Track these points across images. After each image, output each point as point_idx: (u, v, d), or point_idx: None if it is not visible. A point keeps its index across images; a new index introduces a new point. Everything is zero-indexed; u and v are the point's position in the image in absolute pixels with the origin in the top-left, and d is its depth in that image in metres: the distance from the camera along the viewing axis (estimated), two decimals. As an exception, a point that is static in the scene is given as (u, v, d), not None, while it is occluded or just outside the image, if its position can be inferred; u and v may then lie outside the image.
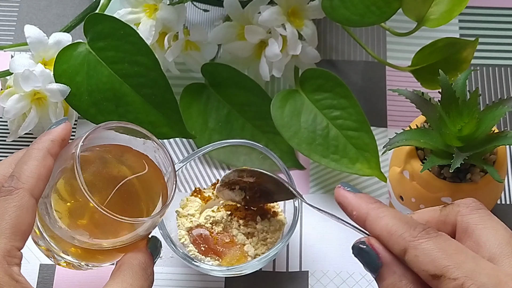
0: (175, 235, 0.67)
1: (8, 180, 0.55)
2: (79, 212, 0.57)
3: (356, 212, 0.54)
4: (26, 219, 0.54)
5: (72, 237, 0.57)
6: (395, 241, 0.51)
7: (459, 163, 0.60)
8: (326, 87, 0.73)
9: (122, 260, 0.57)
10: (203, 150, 0.69)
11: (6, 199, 0.54)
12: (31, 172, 0.55)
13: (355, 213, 0.54)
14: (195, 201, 0.69)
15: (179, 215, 0.68)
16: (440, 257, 0.49)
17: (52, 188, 0.56)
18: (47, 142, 0.57)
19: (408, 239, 0.50)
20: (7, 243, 0.53)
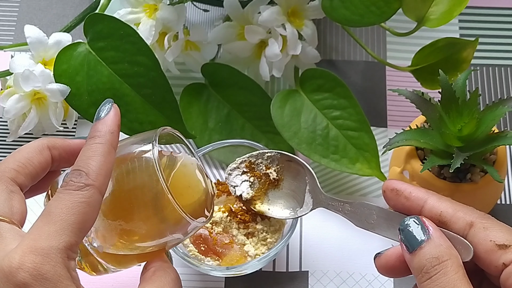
0: None
1: (76, 175, 0.53)
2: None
3: (415, 194, 0.55)
4: (92, 217, 0.53)
5: (123, 234, 0.57)
6: (461, 216, 0.52)
7: (459, 163, 0.60)
8: (326, 87, 0.73)
9: (154, 264, 0.57)
10: (203, 150, 0.69)
11: (77, 194, 0.52)
12: (99, 170, 0.54)
13: (414, 194, 0.55)
14: None
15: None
16: (509, 231, 0.51)
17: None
18: (108, 135, 0.55)
19: (476, 216, 0.52)
20: (72, 238, 0.51)
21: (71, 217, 0.52)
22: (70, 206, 0.52)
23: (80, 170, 0.54)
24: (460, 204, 0.54)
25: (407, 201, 0.55)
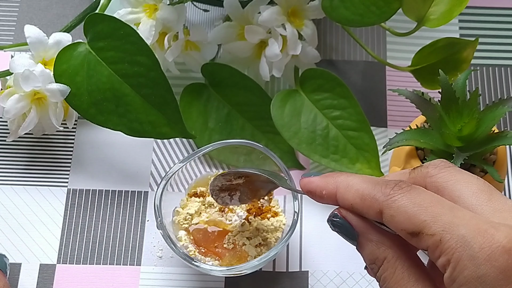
0: (174, 235, 0.67)
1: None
2: None
3: (326, 191, 0.50)
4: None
5: None
6: (369, 205, 0.48)
7: (459, 163, 0.60)
8: (326, 87, 0.73)
9: None
10: (203, 150, 0.69)
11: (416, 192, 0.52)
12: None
13: (325, 192, 0.50)
14: (194, 201, 0.69)
15: (178, 215, 0.68)
16: (416, 213, 0.45)
17: None
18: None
19: (382, 199, 0.47)
20: None
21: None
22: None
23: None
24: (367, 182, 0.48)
25: (324, 200, 0.51)
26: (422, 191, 0.47)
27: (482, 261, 0.43)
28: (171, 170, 0.67)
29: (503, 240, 0.44)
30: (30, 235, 0.70)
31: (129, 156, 0.75)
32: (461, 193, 0.47)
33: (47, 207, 0.72)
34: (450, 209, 0.45)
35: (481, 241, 0.44)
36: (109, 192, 0.73)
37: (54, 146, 0.75)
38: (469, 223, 0.45)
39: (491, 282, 0.43)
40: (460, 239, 0.44)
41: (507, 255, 0.43)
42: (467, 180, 0.48)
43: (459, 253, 0.44)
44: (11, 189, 0.73)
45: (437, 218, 0.45)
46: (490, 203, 0.46)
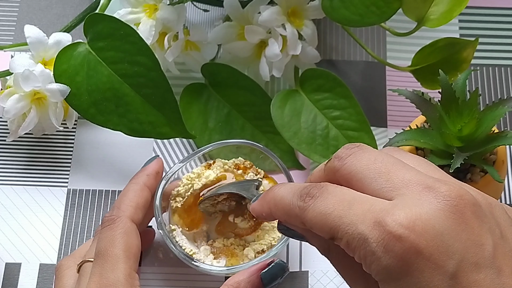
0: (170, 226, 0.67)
1: (110, 212, 0.62)
2: None
3: (264, 213, 0.51)
4: (133, 242, 0.61)
5: None
6: (294, 220, 0.48)
7: (459, 163, 0.60)
8: (326, 87, 0.73)
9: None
10: (203, 150, 0.69)
11: (111, 228, 0.61)
12: (129, 202, 0.63)
13: (264, 214, 0.51)
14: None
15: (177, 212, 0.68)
16: (324, 222, 0.46)
17: None
18: (143, 176, 0.65)
19: (299, 214, 0.47)
20: (126, 268, 0.59)
21: (114, 250, 0.59)
22: (111, 240, 0.60)
23: (114, 207, 0.63)
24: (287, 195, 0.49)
25: (269, 220, 0.52)
26: (328, 194, 0.46)
27: (381, 254, 0.43)
28: (171, 170, 0.67)
29: (393, 228, 0.43)
30: (30, 235, 0.70)
31: (129, 156, 0.75)
32: (364, 182, 0.46)
33: (47, 207, 0.72)
34: (349, 207, 0.45)
35: (377, 235, 0.43)
36: (109, 192, 0.73)
37: (54, 146, 0.75)
38: (365, 217, 0.44)
39: (396, 271, 0.43)
40: (360, 237, 0.44)
41: (399, 242, 0.43)
42: (366, 165, 0.47)
43: (363, 251, 0.44)
44: (11, 189, 0.73)
45: (340, 221, 0.45)
46: (388, 183, 0.45)
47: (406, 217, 0.43)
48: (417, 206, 0.43)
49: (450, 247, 0.43)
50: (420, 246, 0.43)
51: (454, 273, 0.42)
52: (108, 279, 0.58)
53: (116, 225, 0.61)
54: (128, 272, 0.59)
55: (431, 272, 0.43)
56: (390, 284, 0.43)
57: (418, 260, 0.43)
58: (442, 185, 0.44)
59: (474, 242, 0.43)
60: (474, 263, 0.43)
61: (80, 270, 0.61)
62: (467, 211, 0.44)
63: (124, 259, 0.59)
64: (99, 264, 0.59)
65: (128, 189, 0.65)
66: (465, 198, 0.44)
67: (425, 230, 0.43)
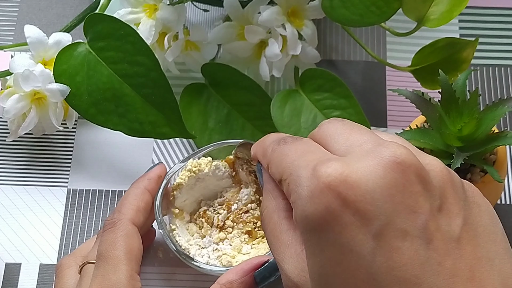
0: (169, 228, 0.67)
1: (111, 215, 0.63)
2: None
3: (254, 150, 0.51)
4: (135, 245, 0.61)
5: None
6: (264, 161, 0.48)
7: (459, 163, 0.60)
8: (326, 87, 0.73)
9: None
10: (203, 150, 0.69)
11: (112, 231, 0.61)
12: (130, 205, 0.63)
13: (252, 152, 0.51)
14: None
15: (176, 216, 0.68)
16: (281, 161, 0.45)
17: None
18: (144, 181, 0.66)
19: (269, 153, 0.47)
20: (128, 269, 0.59)
21: (116, 252, 0.60)
22: (112, 243, 0.60)
23: (115, 210, 0.63)
24: (272, 138, 0.49)
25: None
26: (299, 142, 0.46)
27: (306, 199, 0.41)
28: (171, 170, 0.67)
29: (323, 175, 0.41)
30: (30, 235, 0.70)
31: (129, 156, 0.75)
32: (328, 141, 0.45)
33: (47, 207, 0.72)
34: (304, 154, 0.44)
35: (310, 180, 0.42)
36: (109, 192, 0.73)
37: (54, 146, 0.75)
38: (309, 164, 0.43)
39: (318, 221, 0.41)
40: (297, 180, 0.43)
41: (326, 190, 0.41)
42: (334, 128, 0.46)
43: (295, 195, 0.43)
44: (11, 189, 0.73)
45: (291, 164, 0.44)
46: (347, 142, 0.44)
47: (340, 168, 0.41)
48: (358, 162, 0.42)
49: (379, 207, 0.40)
50: (347, 199, 0.40)
51: (378, 234, 0.40)
52: (110, 281, 0.58)
53: (118, 227, 0.61)
54: (129, 274, 0.59)
55: (354, 229, 0.40)
56: (311, 235, 0.42)
57: (342, 213, 0.40)
58: (392, 144, 0.42)
59: (407, 207, 0.40)
60: (401, 229, 0.40)
61: (81, 271, 0.61)
62: (409, 173, 0.41)
63: (125, 261, 0.59)
64: (101, 266, 0.59)
65: (129, 193, 0.65)
66: (411, 159, 0.41)
67: (357, 183, 0.41)
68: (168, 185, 0.67)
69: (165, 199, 0.67)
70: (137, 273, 0.60)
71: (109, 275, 0.59)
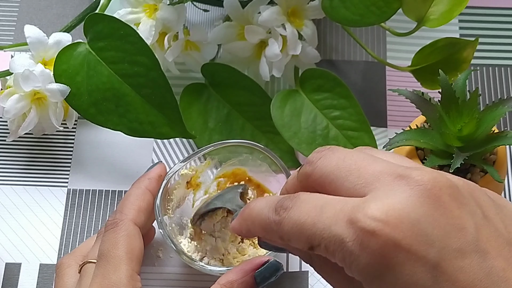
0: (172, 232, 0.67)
1: (112, 215, 0.63)
2: None
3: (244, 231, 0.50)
4: (136, 245, 0.61)
5: None
6: (271, 236, 0.47)
7: (459, 163, 0.60)
8: (326, 87, 0.73)
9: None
10: (203, 150, 0.69)
11: (114, 231, 0.61)
12: (132, 205, 0.63)
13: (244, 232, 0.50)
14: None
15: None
16: (300, 232, 0.44)
17: None
18: (145, 180, 0.65)
19: (275, 228, 0.46)
20: (129, 269, 0.59)
21: (117, 252, 0.60)
22: (114, 242, 0.60)
23: (116, 211, 0.63)
24: (262, 210, 0.48)
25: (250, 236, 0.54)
26: (301, 202, 0.45)
27: (358, 253, 0.41)
28: (171, 170, 0.67)
29: (365, 223, 0.41)
30: (30, 235, 0.70)
31: (129, 156, 0.75)
32: (336, 183, 0.45)
33: (47, 207, 0.72)
34: (322, 211, 0.44)
35: (351, 233, 0.42)
36: (109, 192, 0.73)
37: (54, 146, 0.75)
38: (338, 218, 0.42)
39: (376, 268, 0.41)
40: (336, 239, 0.42)
41: (373, 237, 0.41)
42: (336, 165, 0.45)
43: (341, 253, 0.42)
44: (11, 189, 0.73)
45: (315, 228, 0.43)
46: (360, 179, 0.44)
47: (378, 210, 0.41)
48: (389, 197, 0.42)
49: (429, 235, 0.41)
50: (397, 238, 0.41)
51: (437, 262, 0.40)
52: (110, 280, 0.58)
53: (119, 228, 0.61)
54: (130, 274, 0.59)
55: (413, 264, 0.41)
56: (374, 282, 0.42)
57: (397, 253, 0.41)
58: (414, 171, 0.42)
59: (454, 227, 0.41)
60: (457, 249, 0.41)
61: (81, 270, 0.61)
62: (443, 194, 0.42)
63: (126, 260, 0.59)
64: (102, 266, 0.59)
65: (130, 193, 0.65)
66: (439, 180, 0.42)
67: (400, 220, 0.41)
68: (168, 185, 0.67)
69: (165, 199, 0.67)
70: (137, 273, 0.60)
71: (109, 274, 0.59)
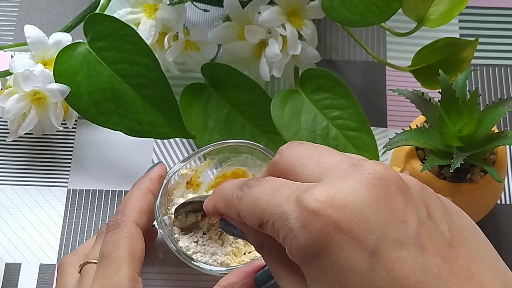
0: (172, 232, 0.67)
1: (114, 216, 0.63)
2: None
3: (211, 206, 0.51)
4: (138, 246, 0.61)
5: None
6: (231, 210, 0.48)
7: (459, 163, 0.60)
8: (326, 87, 0.73)
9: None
10: (203, 150, 0.69)
11: (116, 232, 0.61)
12: (133, 206, 0.63)
13: (210, 208, 0.51)
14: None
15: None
16: (254, 206, 0.45)
17: None
18: (146, 181, 0.65)
19: (236, 202, 0.47)
20: (130, 270, 0.59)
21: (119, 253, 0.60)
22: (116, 243, 0.60)
23: (118, 211, 0.63)
24: (230, 186, 0.49)
25: (215, 215, 0.52)
26: (264, 182, 0.46)
27: (298, 230, 0.42)
28: (171, 170, 0.67)
29: (310, 203, 0.42)
30: (30, 235, 0.70)
31: (129, 156, 0.75)
32: (297, 169, 0.46)
33: (47, 207, 0.72)
34: (278, 191, 0.44)
35: (297, 212, 0.42)
36: (109, 192, 0.73)
37: (54, 146, 0.75)
38: (289, 197, 0.43)
39: (314, 248, 0.41)
40: (282, 216, 0.43)
41: (316, 217, 0.41)
42: (300, 154, 0.46)
43: (284, 230, 0.43)
44: (11, 189, 0.73)
45: (268, 204, 0.44)
46: (318, 167, 0.45)
47: (324, 192, 0.42)
48: (339, 183, 0.42)
49: (370, 222, 0.41)
50: (339, 221, 0.41)
51: (375, 249, 0.41)
52: (111, 281, 0.58)
53: (121, 229, 0.61)
54: (131, 275, 0.59)
55: (351, 248, 0.41)
56: (310, 264, 0.42)
57: (336, 235, 0.41)
58: (367, 162, 0.43)
59: (397, 218, 0.41)
60: (396, 240, 0.41)
61: (82, 270, 0.61)
62: (391, 186, 0.42)
63: (128, 261, 0.59)
64: (103, 266, 0.59)
65: (131, 194, 0.65)
66: (390, 173, 0.43)
67: (344, 204, 0.41)
68: (168, 185, 0.67)
69: (165, 199, 0.67)
70: (139, 274, 0.60)
71: (111, 275, 0.59)
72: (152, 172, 0.66)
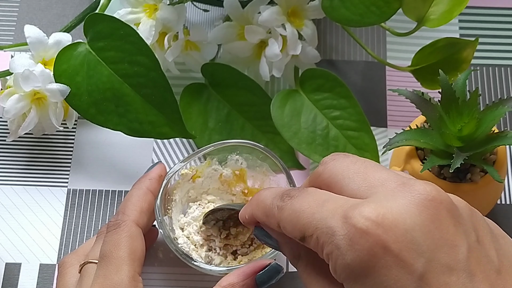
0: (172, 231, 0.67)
1: (115, 216, 0.63)
2: None
3: (247, 215, 0.50)
4: (138, 246, 0.61)
5: None
6: (271, 220, 0.47)
7: (459, 163, 0.60)
8: (326, 87, 0.73)
9: None
10: (203, 150, 0.69)
11: (116, 232, 0.61)
12: (134, 206, 0.63)
13: (247, 217, 0.50)
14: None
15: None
16: (297, 219, 0.45)
17: None
18: (145, 181, 0.65)
19: (277, 213, 0.47)
20: (130, 270, 0.59)
21: (119, 252, 0.60)
22: (116, 243, 0.60)
23: (119, 212, 0.63)
24: (270, 196, 0.48)
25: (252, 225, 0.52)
26: (307, 194, 0.46)
27: (346, 248, 0.41)
28: (171, 170, 0.67)
29: (359, 222, 0.41)
30: (30, 235, 0.70)
31: (129, 156, 0.75)
32: (342, 183, 0.46)
33: (47, 207, 0.72)
34: (323, 205, 0.44)
35: (344, 229, 0.42)
36: (109, 192, 0.73)
37: (54, 146, 0.75)
38: (336, 213, 0.43)
39: (361, 267, 0.41)
40: (329, 231, 0.42)
41: (364, 236, 0.41)
42: (346, 167, 0.46)
43: (329, 246, 0.42)
44: (11, 189, 0.73)
45: (312, 217, 0.44)
46: (365, 182, 0.44)
47: (374, 211, 0.41)
48: (388, 201, 0.42)
49: (420, 245, 0.41)
50: (388, 241, 0.41)
51: (423, 273, 0.40)
52: (112, 281, 0.58)
53: (122, 229, 0.61)
54: (132, 275, 0.59)
55: (399, 270, 0.40)
56: (356, 282, 0.41)
57: (385, 256, 0.41)
58: (418, 182, 0.43)
59: (447, 242, 0.41)
60: (445, 265, 0.41)
61: (82, 270, 0.61)
62: (442, 209, 0.42)
63: (128, 261, 0.60)
64: (104, 266, 0.59)
65: (131, 194, 0.65)
66: (442, 195, 0.42)
67: (394, 224, 0.41)
68: (169, 185, 0.67)
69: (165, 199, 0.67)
70: (139, 274, 0.60)
71: (111, 275, 0.59)
72: (151, 172, 0.66)
